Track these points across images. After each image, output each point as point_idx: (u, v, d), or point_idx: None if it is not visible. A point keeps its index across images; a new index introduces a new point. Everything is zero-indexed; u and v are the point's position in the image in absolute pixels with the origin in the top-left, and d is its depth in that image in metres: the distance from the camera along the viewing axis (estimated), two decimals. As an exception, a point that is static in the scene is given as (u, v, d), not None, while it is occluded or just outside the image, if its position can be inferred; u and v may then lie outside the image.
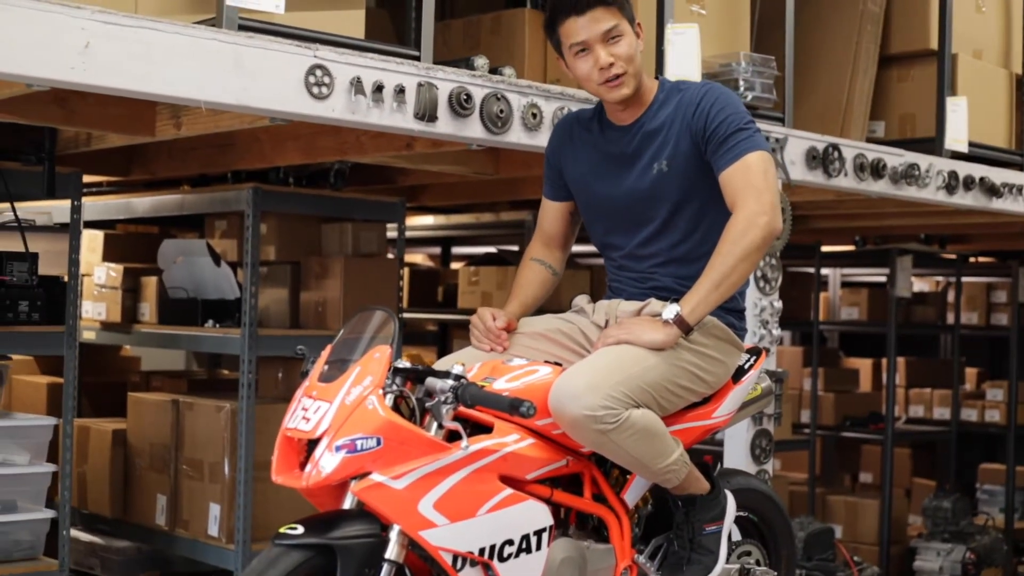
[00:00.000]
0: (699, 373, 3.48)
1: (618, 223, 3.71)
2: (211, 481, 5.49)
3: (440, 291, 8.07)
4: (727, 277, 3.39)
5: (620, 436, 3.25)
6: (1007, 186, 6.36)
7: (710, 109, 3.53)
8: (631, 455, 3.31)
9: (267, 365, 5.74)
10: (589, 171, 3.73)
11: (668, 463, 3.38)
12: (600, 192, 3.72)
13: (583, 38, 3.56)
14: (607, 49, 3.53)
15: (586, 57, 3.57)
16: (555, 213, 3.90)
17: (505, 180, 6.26)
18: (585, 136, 3.77)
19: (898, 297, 8.62)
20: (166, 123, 4.49)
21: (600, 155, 3.70)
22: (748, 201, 3.42)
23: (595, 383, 3.24)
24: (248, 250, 5.35)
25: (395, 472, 3.00)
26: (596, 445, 3.30)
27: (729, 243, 3.40)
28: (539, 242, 3.93)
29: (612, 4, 3.55)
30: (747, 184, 3.45)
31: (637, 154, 3.63)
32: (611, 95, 3.60)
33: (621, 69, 3.54)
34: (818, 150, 5.44)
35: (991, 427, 10.04)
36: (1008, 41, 6.66)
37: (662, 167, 3.58)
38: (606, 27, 3.53)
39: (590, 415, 3.20)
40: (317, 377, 3.14)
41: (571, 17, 3.56)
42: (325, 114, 3.93)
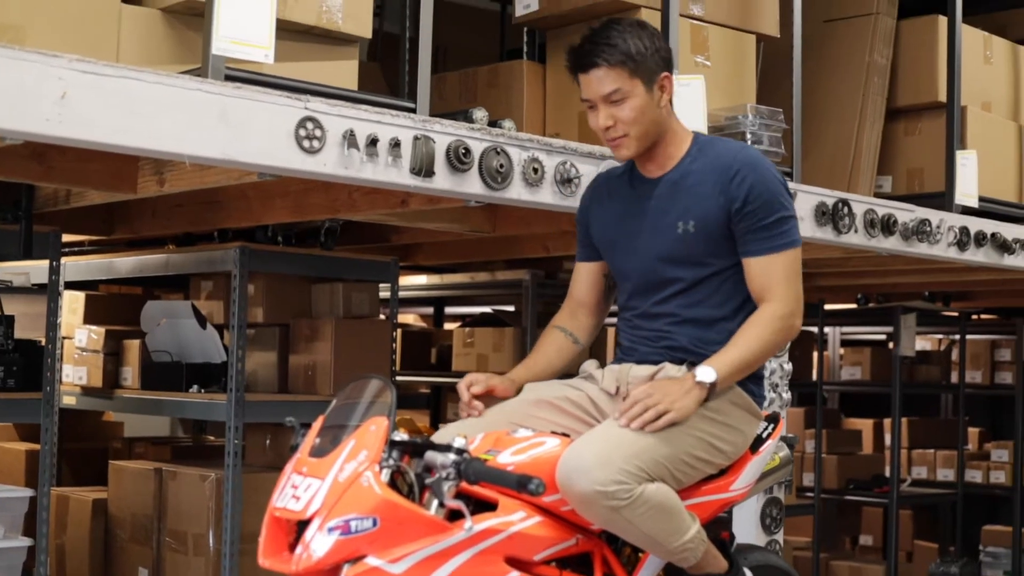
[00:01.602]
0: (717, 444, 3.28)
1: (638, 281, 3.56)
2: (195, 554, 5.25)
3: (433, 353, 7.84)
4: (756, 361, 3.38)
5: (633, 513, 3.04)
6: (1018, 242, 6.17)
7: (753, 185, 3.40)
8: (645, 533, 3.10)
9: (254, 431, 5.51)
10: (614, 224, 3.62)
11: (684, 541, 3.16)
12: (622, 248, 3.60)
13: (585, 96, 3.51)
14: (609, 110, 3.45)
15: (593, 113, 3.51)
16: (586, 276, 3.78)
17: (502, 238, 6.06)
18: (614, 191, 3.68)
19: (902, 356, 8.42)
20: (149, 179, 4.28)
21: (626, 208, 3.60)
22: (786, 299, 3.39)
23: (606, 456, 3.03)
24: (235, 312, 5.13)
25: (393, 555, 2.76)
26: (607, 523, 3.08)
27: (769, 330, 3.36)
28: (567, 309, 3.80)
29: (617, 65, 3.42)
30: (784, 280, 3.40)
31: (663, 209, 3.50)
32: (614, 153, 3.57)
33: (620, 132, 3.45)
34: (828, 205, 5.25)
35: (996, 488, 9.83)
36: (1017, 93, 6.50)
37: (688, 227, 3.45)
38: (607, 90, 3.44)
39: (601, 491, 2.99)
40: (308, 451, 2.91)
41: (577, 73, 3.52)
42: (316, 169, 3.72)
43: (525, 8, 5.19)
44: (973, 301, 9.36)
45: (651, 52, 3.45)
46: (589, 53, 3.44)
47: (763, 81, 5.39)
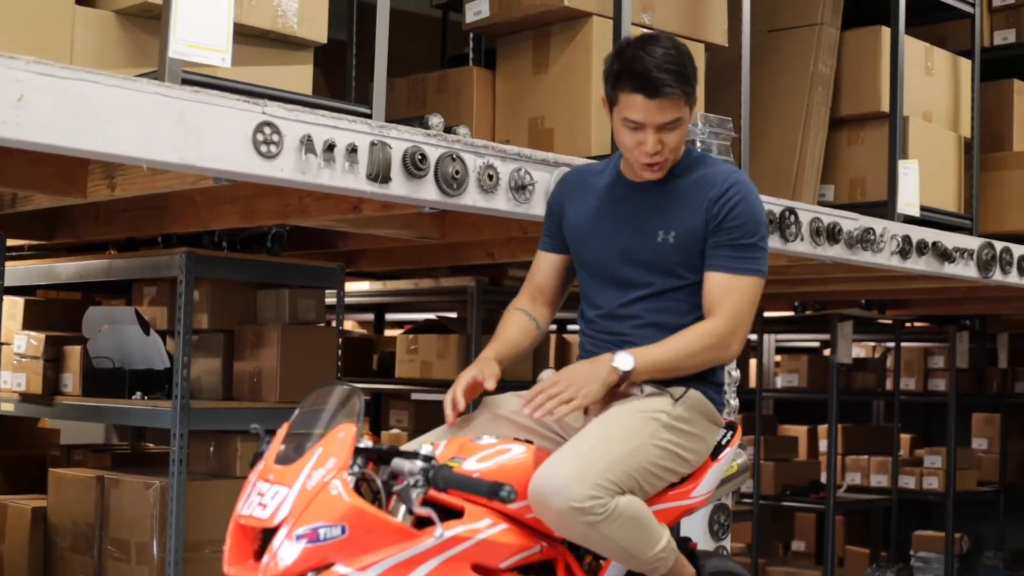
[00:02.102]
0: (681, 452, 3.29)
1: (607, 278, 3.53)
2: (139, 563, 5.17)
3: (375, 359, 7.81)
4: (680, 368, 3.35)
5: (609, 527, 3.04)
6: (959, 251, 6.24)
7: (737, 204, 3.39)
8: (619, 545, 3.10)
9: (198, 439, 5.44)
10: (590, 220, 3.57)
11: (657, 551, 3.17)
12: (596, 244, 3.55)
13: (641, 120, 3.35)
14: (659, 136, 3.35)
15: (635, 133, 3.38)
16: (549, 266, 3.72)
17: (446, 245, 6.04)
18: (594, 187, 3.61)
19: (839, 363, 8.51)
20: (99, 183, 4.22)
21: (605, 206, 3.55)
22: (731, 321, 3.36)
23: (580, 472, 3.03)
24: (181, 318, 5.07)
25: (361, 563, 2.74)
26: (582, 537, 3.08)
27: (698, 342, 3.34)
28: (527, 293, 3.74)
29: (684, 95, 3.36)
30: (736, 304, 3.38)
31: (644, 216, 3.47)
32: (645, 175, 3.47)
33: (664, 157, 3.40)
34: (775, 214, 5.28)
35: (929, 494, 9.94)
36: (956, 103, 6.58)
37: (668, 238, 3.43)
38: (669, 119, 3.35)
39: (577, 507, 2.99)
40: (274, 459, 2.87)
41: (638, 96, 3.33)
42: (274, 174, 3.69)
43: (476, 15, 5.18)
44: (908, 309, 9.46)
45: (695, 72, 3.43)
46: (662, 81, 3.30)
47: (706, 90, 5.41)
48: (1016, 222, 6.90)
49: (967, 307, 9.34)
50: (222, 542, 5.20)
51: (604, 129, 4.82)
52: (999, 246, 6.51)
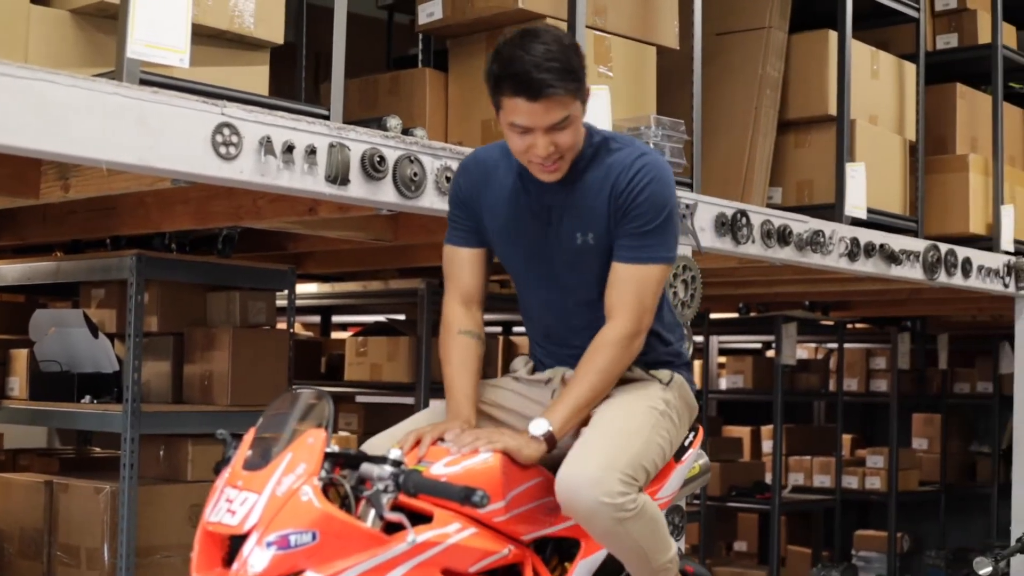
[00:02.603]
0: (672, 441, 3.31)
1: (539, 286, 3.43)
2: (89, 568, 5.12)
3: (323, 362, 7.77)
4: (596, 397, 3.21)
5: (635, 524, 3.02)
6: (905, 253, 6.30)
7: (640, 192, 3.21)
8: (640, 546, 3.08)
9: (148, 443, 5.38)
10: (510, 225, 3.38)
11: (668, 559, 3.16)
12: (517, 252, 3.42)
13: (527, 124, 3.14)
14: (550, 137, 3.14)
15: (524, 137, 3.17)
16: (472, 264, 3.46)
17: (397, 247, 6.03)
18: (502, 184, 3.38)
19: (784, 364, 8.57)
20: (52, 184, 4.17)
21: (521, 209, 3.35)
22: (631, 318, 3.21)
23: (608, 463, 3.01)
24: (131, 321, 5.02)
25: (332, 569, 2.71)
26: (606, 534, 3.05)
27: (608, 362, 3.21)
28: (458, 304, 3.46)
29: (571, 91, 3.12)
30: (637, 296, 3.22)
31: (560, 217, 3.31)
32: (542, 178, 3.26)
33: (560, 155, 3.19)
34: (727, 216, 5.31)
35: (872, 494, 10.03)
36: (901, 106, 6.64)
37: (587, 240, 3.28)
38: (556, 119, 3.12)
39: (610, 503, 2.96)
40: (241, 464, 2.84)
41: (519, 99, 3.10)
42: (233, 176, 3.66)
43: (428, 16, 5.17)
44: (850, 311, 9.56)
45: (581, 65, 3.18)
46: (544, 82, 3.07)
47: (657, 92, 5.43)
48: (958, 224, 6.99)
49: (910, 308, 9.45)
50: (173, 547, 5.21)
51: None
52: (944, 248, 6.58)
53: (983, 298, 7.89)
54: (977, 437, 11.70)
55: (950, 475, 11.00)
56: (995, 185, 7.12)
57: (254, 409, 5.30)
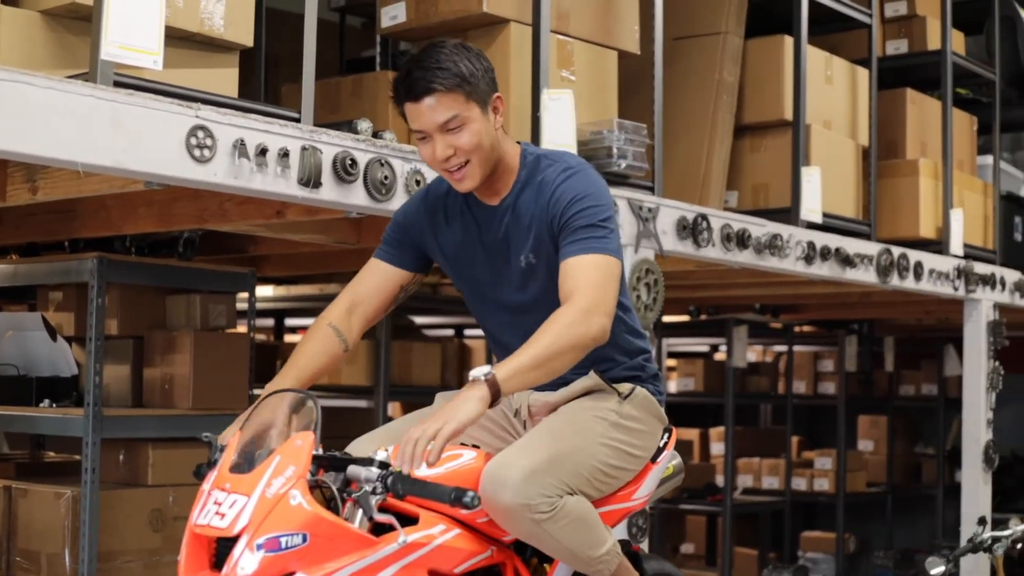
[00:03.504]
0: (631, 451, 3.32)
1: (499, 309, 3.45)
2: (49, 573, 5.06)
3: (278, 365, 7.72)
4: (549, 361, 3.04)
5: (555, 525, 3.05)
6: (859, 256, 6.38)
7: (571, 199, 3.21)
8: (564, 545, 3.11)
9: (107, 447, 5.32)
10: (461, 252, 3.41)
11: (601, 553, 3.18)
12: (475, 279, 3.44)
13: (420, 126, 3.19)
14: (446, 139, 3.17)
15: (426, 144, 3.21)
16: (381, 279, 3.46)
17: (355, 250, 6.01)
18: (452, 213, 3.42)
19: (734, 367, 8.64)
20: (19, 187, 4.13)
21: (472, 237, 3.38)
22: (589, 298, 3.10)
23: (530, 470, 3.03)
24: (92, 324, 4.97)
25: (322, 571, 2.72)
26: (529, 535, 3.09)
27: (562, 325, 3.05)
28: (343, 304, 3.43)
29: (453, 89, 3.14)
30: (591, 283, 3.13)
31: (506, 241, 3.32)
32: (456, 185, 3.28)
33: (462, 160, 3.19)
34: (688, 220, 5.35)
35: (820, 496, 10.13)
36: (854, 112, 6.72)
37: (530, 259, 3.29)
38: (444, 117, 3.15)
39: (525, 504, 2.99)
40: (228, 467, 2.84)
41: (408, 102, 3.19)
42: (207, 178, 3.66)
43: (392, 19, 5.18)
44: (799, 314, 9.65)
45: (482, 73, 3.20)
46: (421, 79, 3.13)
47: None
48: (909, 228, 7.08)
49: (859, 312, 9.56)
50: (134, 552, 5.17)
51: (523, 135, 4.83)
52: (896, 251, 6.67)
53: (931, 301, 8.00)
54: (922, 439, 11.86)
55: (896, 476, 11.13)
56: (945, 189, 7.23)
57: (216, 413, 5.32)
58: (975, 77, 7.82)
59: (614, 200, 4.87)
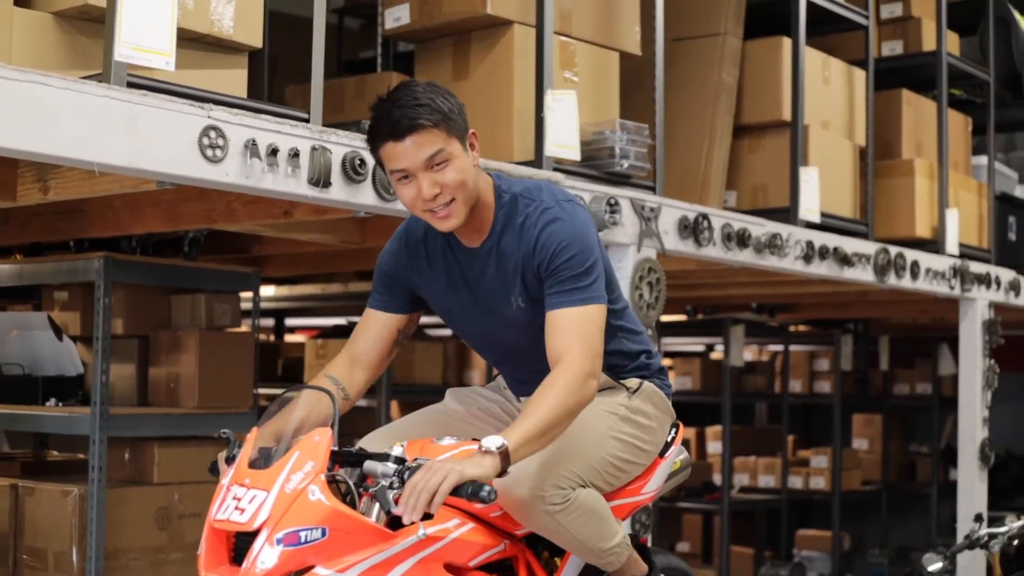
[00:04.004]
0: (641, 445, 3.37)
1: (492, 351, 3.52)
2: (57, 571, 5.10)
3: (280, 364, 7.78)
4: (554, 427, 3.06)
5: (568, 517, 3.10)
6: (857, 255, 6.44)
7: (556, 247, 3.19)
8: (576, 537, 3.16)
9: (113, 446, 5.37)
10: (451, 299, 3.41)
11: (612, 545, 3.24)
12: (466, 322, 3.45)
13: (403, 166, 3.14)
14: (431, 177, 3.12)
15: (409, 184, 3.16)
16: (376, 328, 3.47)
17: (356, 250, 6.08)
18: (433, 257, 3.40)
19: (731, 366, 8.69)
20: (30, 187, 4.16)
21: (456, 280, 3.38)
22: (583, 360, 3.12)
23: (544, 463, 3.08)
24: (99, 323, 5.02)
25: (341, 564, 2.77)
26: (541, 527, 3.14)
27: (563, 394, 3.06)
28: (344, 360, 3.49)
29: (436, 126, 3.11)
30: (583, 339, 3.14)
31: (492, 285, 3.32)
32: (439, 226, 3.24)
33: (448, 197, 3.15)
34: (689, 219, 5.40)
35: (816, 494, 10.18)
36: (851, 113, 6.77)
37: (519, 303, 3.29)
38: (429, 153, 3.11)
39: (539, 496, 3.06)
40: (247, 463, 2.88)
41: (389, 142, 3.14)
42: (219, 178, 3.70)
43: (395, 21, 5.22)
44: (795, 313, 9.70)
45: (458, 110, 3.18)
46: (404, 117, 3.09)
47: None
48: (905, 228, 7.13)
49: (855, 311, 9.62)
50: (140, 550, 5.21)
51: (526, 136, 4.90)
52: (894, 251, 6.73)
53: (926, 300, 8.05)
54: (917, 438, 11.92)
55: (891, 475, 11.19)
56: (940, 189, 7.28)
57: (221, 412, 5.37)
58: (969, 78, 7.88)
59: (617, 200, 4.95)
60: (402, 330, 3.51)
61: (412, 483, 2.82)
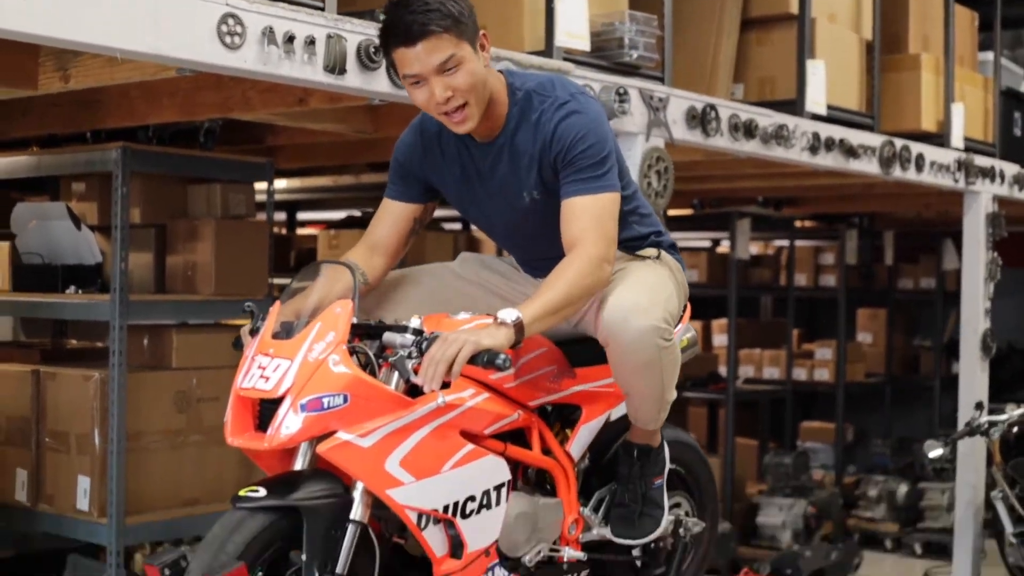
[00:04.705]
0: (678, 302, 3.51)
1: (507, 240, 3.64)
2: (79, 453, 5.25)
3: (292, 256, 7.90)
4: (568, 305, 3.18)
5: (669, 356, 3.27)
6: (863, 148, 6.51)
7: (572, 141, 3.30)
8: (662, 380, 3.32)
9: (132, 333, 5.49)
10: (465, 192, 3.51)
11: (673, 397, 3.43)
12: (480, 214, 3.57)
13: (415, 71, 3.23)
14: (443, 81, 3.21)
15: (422, 88, 3.26)
16: (393, 217, 3.59)
17: (368, 142, 6.16)
18: (447, 150, 3.50)
19: (738, 259, 8.79)
20: (51, 75, 4.25)
21: (470, 174, 3.47)
22: (598, 244, 3.24)
23: (652, 300, 3.23)
24: (117, 212, 5.12)
25: (362, 430, 2.90)
26: (647, 362, 3.25)
27: (578, 275, 3.19)
28: (363, 248, 3.58)
29: (447, 31, 3.18)
30: (598, 226, 3.26)
31: (506, 179, 3.42)
32: (454, 128, 3.34)
33: (460, 101, 3.24)
34: (697, 110, 5.47)
35: (820, 385, 10.34)
36: (858, 6, 6.81)
37: (534, 195, 3.39)
38: (440, 59, 3.19)
39: (657, 326, 3.19)
40: (270, 334, 3.01)
41: (400, 48, 3.23)
42: (237, 65, 3.77)
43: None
44: (800, 207, 9.78)
45: (468, 11, 3.25)
46: (415, 23, 3.16)
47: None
48: (911, 121, 7.19)
49: (860, 204, 9.70)
50: (160, 432, 5.35)
51: (537, 26, 4.94)
52: (899, 143, 6.80)
53: (931, 194, 8.14)
54: (920, 331, 12.06)
55: (894, 368, 11.34)
56: (946, 84, 7.33)
57: (237, 298, 5.48)
58: (977, -28, 7.91)
59: (626, 89, 5.03)
60: (418, 219, 3.62)
61: (431, 354, 2.93)
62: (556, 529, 3.41)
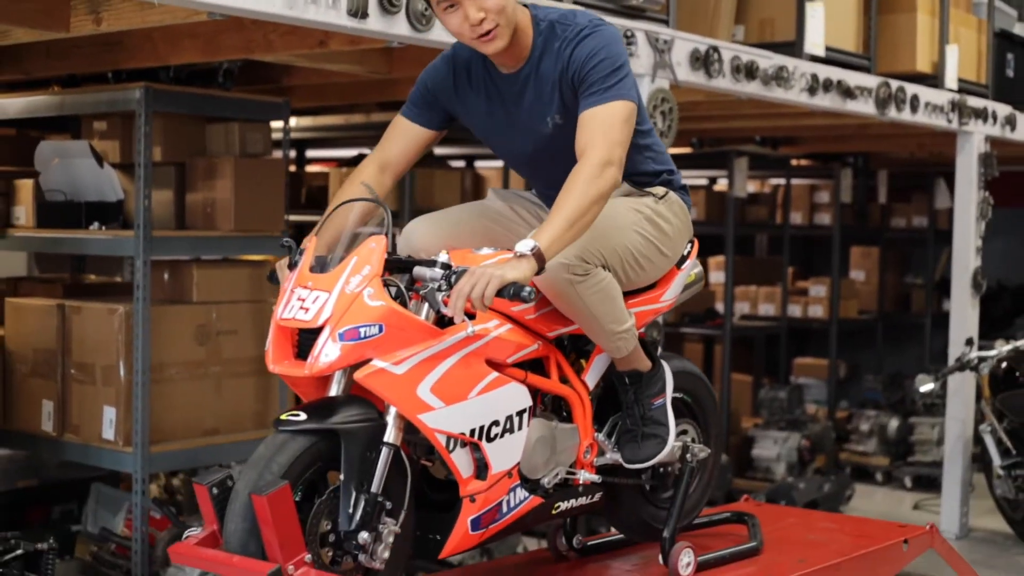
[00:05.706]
0: (660, 247, 3.63)
1: (530, 169, 3.76)
2: (104, 384, 5.44)
3: (303, 193, 8.07)
4: (581, 217, 3.27)
5: (585, 290, 3.38)
6: (860, 88, 6.68)
7: (586, 58, 3.43)
8: (591, 312, 3.44)
9: (153, 268, 5.65)
10: (490, 122, 3.65)
11: (622, 329, 3.53)
12: (505, 143, 3.71)
13: None
14: (476, 2, 3.32)
15: (455, 12, 3.37)
16: (407, 137, 3.69)
17: (380, 82, 6.31)
18: (476, 81, 3.61)
19: (735, 197, 8.96)
20: (83, 18, 4.40)
21: (496, 105, 3.61)
22: (603, 149, 3.33)
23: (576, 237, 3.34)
24: (140, 151, 5.30)
25: (396, 358, 3.08)
26: (562, 296, 3.40)
27: (583, 183, 3.28)
28: (375, 163, 3.68)
29: None
30: (606, 131, 3.36)
31: (531, 107, 3.56)
32: (485, 49, 3.44)
33: (492, 23, 3.35)
34: (700, 52, 5.64)
35: (814, 322, 10.53)
36: (858, -51, 6.96)
37: (556, 120, 3.53)
38: None
39: (563, 263, 3.31)
40: (308, 268, 3.19)
41: None
42: (266, 9, 3.95)
43: None
44: (797, 147, 9.94)
45: None
46: None
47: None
48: (906, 62, 7.36)
49: (855, 144, 9.86)
50: (182, 364, 5.53)
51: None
52: (895, 84, 6.97)
53: (924, 134, 8.32)
54: (912, 269, 12.26)
55: (887, 305, 11.55)
56: (941, 25, 7.49)
57: (255, 235, 5.67)
58: (974, -86, 8.04)
59: (633, 32, 5.19)
60: (428, 144, 3.75)
61: (459, 287, 3.11)
62: (573, 453, 3.60)
